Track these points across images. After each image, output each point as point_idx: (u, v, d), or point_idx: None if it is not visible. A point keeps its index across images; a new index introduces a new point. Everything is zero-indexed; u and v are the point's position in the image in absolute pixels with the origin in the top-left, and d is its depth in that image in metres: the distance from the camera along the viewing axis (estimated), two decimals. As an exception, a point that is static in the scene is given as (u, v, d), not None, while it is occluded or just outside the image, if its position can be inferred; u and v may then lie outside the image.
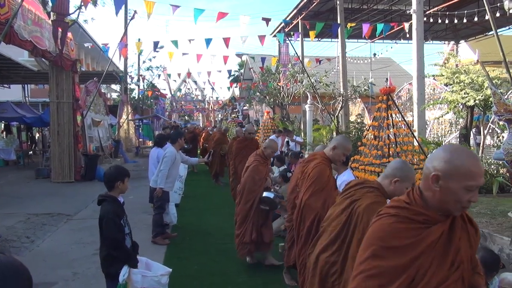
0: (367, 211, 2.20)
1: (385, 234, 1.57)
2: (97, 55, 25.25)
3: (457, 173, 1.53)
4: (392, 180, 2.34)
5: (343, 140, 3.53)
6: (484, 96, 8.08)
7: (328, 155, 3.47)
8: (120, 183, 3.10)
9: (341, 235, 2.32)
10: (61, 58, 10.70)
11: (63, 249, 5.56)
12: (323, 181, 3.34)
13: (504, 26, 18.65)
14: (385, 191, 2.38)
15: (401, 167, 2.40)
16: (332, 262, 2.32)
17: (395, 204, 1.66)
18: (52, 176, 11.38)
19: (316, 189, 3.33)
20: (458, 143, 9.82)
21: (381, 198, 2.33)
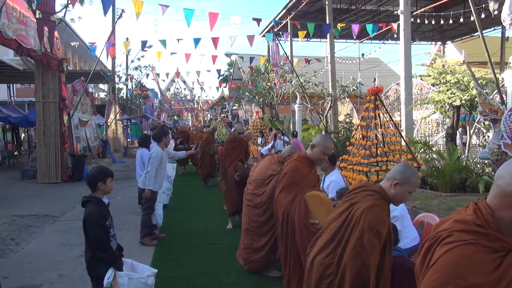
0: (365, 214, 2.19)
1: (465, 269, 1.29)
2: (84, 54, 24.97)
3: None
4: (392, 183, 2.32)
5: (323, 138, 3.45)
6: (470, 96, 8.20)
7: (308, 154, 3.42)
8: (102, 184, 3.06)
9: (337, 237, 2.30)
10: (47, 57, 10.54)
11: (49, 251, 5.48)
12: (296, 176, 3.29)
13: (489, 27, 18.96)
14: (386, 195, 2.34)
15: (402, 170, 2.36)
16: (327, 264, 2.30)
17: (467, 228, 1.37)
18: (38, 177, 11.22)
19: (287, 184, 3.29)
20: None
21: (381, 202, 2.30)
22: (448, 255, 1.33)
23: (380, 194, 2.33)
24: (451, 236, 1.36)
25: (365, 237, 2.17)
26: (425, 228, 4.21)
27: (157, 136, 5.95)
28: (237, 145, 6.73)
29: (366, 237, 2.16)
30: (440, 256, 1.33)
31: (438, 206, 6.18)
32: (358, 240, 2.17)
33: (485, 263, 1.28)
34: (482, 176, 5.83)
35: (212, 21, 9.80)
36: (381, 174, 6.25)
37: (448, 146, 8.12)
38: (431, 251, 1.37)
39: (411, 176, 2.34)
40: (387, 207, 2.35)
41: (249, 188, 4.59)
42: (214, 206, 8.18)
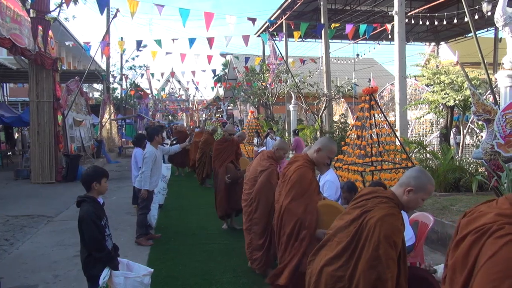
0: (380, 224, 2.06)
1: None
2: (79, 53, 24.82)
3: None
4: (405, 189, 2.20)
5: (328, 142, 3.33)
6: (463, 96, 8.27)
7: (311, 158, 3.27)
8: (97, 183, 3.06)
9: (350, 248, 2.15)
10: (41, 56, 10.48)
11: (44, 251, 5.45)
12: (304, 185, 3.15)
13: (482, 28, 19.13)
14: (399, 202, 2.22)
15: (417, 176, 2.23)
16: (338, 276, 2.15)
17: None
18: (32, 177, 11.15)
19: (297, 193, 3.14)
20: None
21: (395, 210, 2.17)
22: (508, 247, 1.30)
23: (393, 201, 2.20)
24: (502, 229, 1.34)
25: (381, 248, 2.02)
26: (420, 227, 4.25)
27: (149, 136, 5.90)
28: (228, 146, 6.57)
29: (382, 249, 2.02)
30: (499, 249, 1.31)
31: (432, 206, 6.23)
32: (374, 252, 2.03)
33: None
34: (476, 176, 5.88)
35: (208, 21, 9.80)
36: (376, 174, 6.28)
37: (442, 146, 8.18)
38: (479, 244, 1.35)
39: (428, 183, 2.22)
40: (401, 215, 2.21)
41: (245, 188, 4.61)
42: (209, 206, 8.16)
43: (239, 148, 7.00)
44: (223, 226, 6.47)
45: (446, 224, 5.33)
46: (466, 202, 6.28)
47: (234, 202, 6.13)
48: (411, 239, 3.89)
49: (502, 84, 5.72)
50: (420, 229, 4.20)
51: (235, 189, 6.16)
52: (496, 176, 4.99)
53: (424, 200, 2.26)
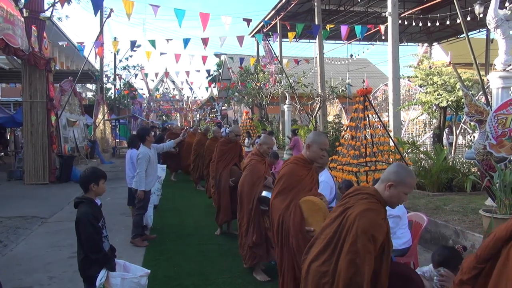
0: (359, 218, 2.13)
1: None
2: (72, 53, 24.65)
3: None
4: (386, 184, 2.27)
5: (315, 135, 3.28)
6: (456, 97, 8.35)
7: (305, 156, 3.24)
8: (95, 185, 3.06)
9: (332, 243, 2.24)
10: (34, 56, 10.41)
11: (38, 252, 5.43)
12: (291, 180, 3.11)
13: (474, 30, 19.29)
14: (381, 197, 2.28)
15: (396, 171, 2.29)
16: (323, 272, 2.23)
17: None
18: (25, 178, 11.07)
19: (282, 188, 3.12)
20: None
21: (376, 205, 2.25)
22: None
23: (374, 197, 2.26)
24: None
25: (359, 242, 2.10)
26: (414, 227, 4.29)
27: (140, 137, 5.89)
28: (232, 148, 6.29)
29: (360, 243, 2.09)
30: None
31: (425, 205, 6.29)
32: (352, 246, 2.11)
33: None
34: (469, 176, 5.95)
35: (204, 21, 9.80)
36: (370, 174, 6.33)
37: (435, 146, 8.26)
38: None
39: (407, 177, 2.25)
40: (383, 211, 2.28)
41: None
42: (204, 206, 8.18)
43: (242, 150, 6.75)
44: (217, 232, 6.21)
45: (439, 224, 5.39)
46: (459, 202, 6.35)
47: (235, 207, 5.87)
48: (407, 242, 3.93)
49: (494, 85, 5.79)
50: (414, 229, 4.24)
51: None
52: (488, 176, 5.05)
53: (406, 194, 2.29)
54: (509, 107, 5.23)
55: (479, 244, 4.64)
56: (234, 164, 6.16)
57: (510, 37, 5.70)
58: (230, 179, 5.97)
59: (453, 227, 5.15)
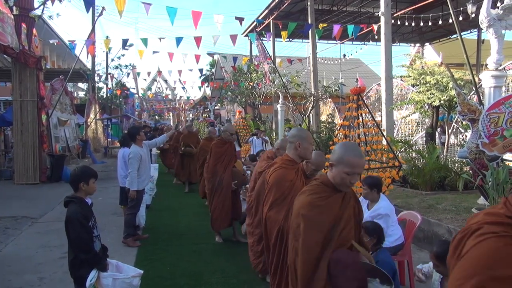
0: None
1: (493, 261, 1.24)
2: (63, 52, 24.43)
3: None
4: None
5: (300, 132, 3.10)
6: (448, 96, 8.39)
7: (293, 156, 3.04)
8: (84, 184, 3.00)
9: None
10: (24, 54, 10.27)
11: (28, 253, 5.35)
12: (283, 188, 2.91)
13: (465, 30, 19.46)
14: (327, 179, 2.21)
15: (335, 150, 2.26)
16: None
17: (497, 220, 1.33)
18: (15, 177, 10.93)
19: (275, 199, 2.90)
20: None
21: (313, 186, 2.25)
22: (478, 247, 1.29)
23: (317, 180, 2.29)
24: (481, 228, 1.33)
25: (295, 222, 2.24)
26: (407, 226, 4.29)
27: (131, 136, 5.84)
28: (228, 148, 5.97)
29: (295, 223, 2.24)
30: (470, 248, 1.31)
31: (418, 204, 6.31)
32: (293, 226, 2.31)
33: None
34: (461, 175, 5.99)
35: (196, 19, 9.75)
36: (364, 173, 6.33)
37: (428, 146, 8.30)
38: (462, 243, 1.35)
39: (345, 156, 2.12)
40: (319, 190, 2.21)
41: (249, 190, 4.50)
42: (198, 206, 8.13)
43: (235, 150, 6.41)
44: (218, 239, 5.77)
45: (432, 223, 5.40)
46: (452, 201, 6.38)
47: (236, 210, 5.73)
48: (399, 239, 3.92)
49: (487, 84, 5.82)
50: (408, 228, 4.24)
51: (236, 195, 5.82)
52: (481, 175, 5.07)
53: (348, 174, 2.10)
54: (501, 106, 5.26)
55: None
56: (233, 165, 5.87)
57: (502, 36, 5.74)
58: (232, 182, 5.65)
59: (446, 225, 5.16)
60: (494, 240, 1.24)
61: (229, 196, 5.65)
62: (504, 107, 5.24)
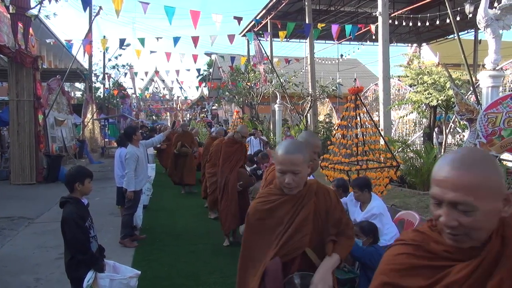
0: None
1: (388, 267, 1.24)
2: (60, 52, 24.34)
3: None
4: None
5: (309, 136, 2.94)
6: (446, 96, 8.41)
7: None
8: (80, 184, 2.98)
9: None
10: (21, 54, 10.22)
11: (25, 254, 5.31)
12: None
13: (462, 30, 19.52)
14: None
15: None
16: None
17: (415, 230, 1.30)
18: (12, 178, 10.86)
19: None
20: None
21: None
22: (385, 252, 1.31)
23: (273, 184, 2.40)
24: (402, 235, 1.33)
25: None
26: (405, 226, 4.29)
27: (127, 136, 5.78)
28: (238, 149, 5.84)
29: None
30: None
31: (416, 204, 6.31)
32: None
33: (414, 266, 1.17)
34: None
35: (194, 19, 9.73)
36: (362, 172, 6.32)
37: (425, 145, 8.30)
38: None
39: (276, 153, 2.18)
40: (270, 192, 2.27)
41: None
42: (196, 206, 8.11)
43: (246, 151, 6.34)
44: (225, 243, 5.61)
45: (431, 222, 5.40)
46: (449, 201, 6.38)
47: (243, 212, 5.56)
48: (395, 236, 3.92)
49: (484, 84, 5.83)
50: (406, 227, 4.24)
51: (244, 196, 5.70)
52: (478, 175, 5.08)
53: (280, 172, 2.03)
54: (499, 105, 5.27)
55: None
56: (240, 166, 5.78)
57: (500, 36, 5.75)
58: (238, 183, 5.58)
59: (444, 225, 5.16)
60: (397, 247, 1.25)
61: (235, 197, 5.54)
62: (501, 107, 5.26)
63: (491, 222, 1.10)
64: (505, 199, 1.10)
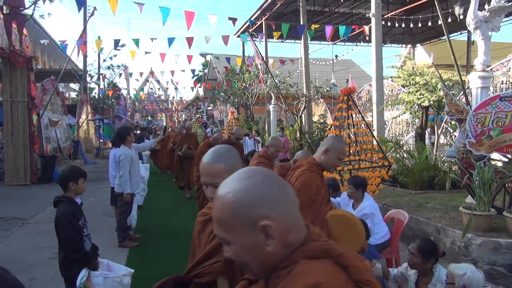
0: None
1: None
2: (54, 52, 24.26)
3: None
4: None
5: (336, 141, 2.92)
6: (437, 97, 8.51)
7: (319, 161, 2.85)
8: (73, 183, 3.02)
9: None
10: (14, 54, 10.21)
11: (19, 254, 5.33)
12: (311, 191, 2.71)
13: (456, 31, 19.67)
14: (316, 163, 2.79)
15: (329, 140, 2.83)
16: None
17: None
18: (6, 178, 10.84)
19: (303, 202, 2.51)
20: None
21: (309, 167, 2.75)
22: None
23: (311, 164, 2.78)
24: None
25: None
26: (395, 224, 4.36)
27: (121, 137, 5.71)
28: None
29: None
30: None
31: (408, 203, 6.40)
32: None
33: None
34: (449, 174, 6.07)
35: (189, 20, 9.77)
36: (354, 172, 6.40)
37: (417, 146, 8.39)
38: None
39: (337, 144, 2.77)
40: (320, 172, 2.81)
41: None
42: (191, 206, 8.14)
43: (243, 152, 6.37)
44: None
45: (421, 221, 5.48)
46: (440, 200, 6.48)
47: None
48: (386, 235, 3.99)
49: (474, 85, 5.91)
50: (396, 225, 4.31)
51: None
52: (468, 174, 5.16)
53: (340, 159, 2.75)
54: (488, 106, 5.36)
55: (460, 240, 4.75)
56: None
57: (489, 38, 5.84)
58: None
59: (434, 224, 5.25)
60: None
61: None
62: (490, 107, 5.34)
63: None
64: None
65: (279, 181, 1.00)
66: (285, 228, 0.94)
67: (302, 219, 1.02)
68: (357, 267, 0.92)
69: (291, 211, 0.97)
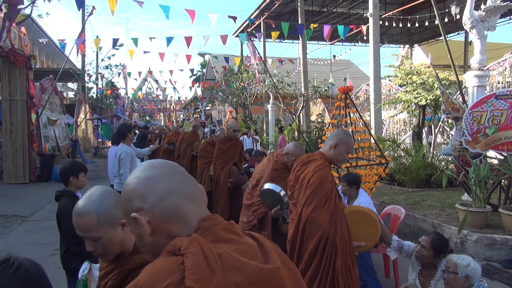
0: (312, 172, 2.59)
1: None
2: (53, 52, 24.23)
3: None
4: (331, 144, 2.68)
5: (345, 135, 2.83)
6: (434, 96, 8.58)
7: (328, 155, 2.74)
8: (74, 178, 3.06)
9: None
10: (13, 53, 10.23)
11: (19, 250, 5.36)
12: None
13: (453, 32, 19.76)
14: (326, 157, 2.70)
15: (337, 133, 2.77)
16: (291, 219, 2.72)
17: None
18: (5, 177, 10.86)
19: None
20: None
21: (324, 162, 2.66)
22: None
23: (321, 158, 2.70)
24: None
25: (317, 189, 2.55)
26: (392, 219, 4.41)
27: (121, 134, 5.60)
28: (232, 146, 5.67)
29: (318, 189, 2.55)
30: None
31: (405, 201, 6.46)
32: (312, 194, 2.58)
33: None
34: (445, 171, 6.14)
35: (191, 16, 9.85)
36: (351, 170, 6.45)
37: (414, 144, 8.46)
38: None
39: (346, 137, 2.72)
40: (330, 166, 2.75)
41: (249, 187, 4.09)
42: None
43: (243, 149, 6.16)
44: None
45: (418, 218, 5.54)
46: (437, 197, 6.54)
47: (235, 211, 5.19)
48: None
49: (470, 83, 5.98)
50: (392, 221, 4.36)
51: (238, 195, 5.56)
52: (464, 171, 5.22)
53: (348, 153, 2.74)
54: (483, 104, 5.42)
55: (456, 236, 4.80)
56: (233, 163, 5.67)
57: (485, 37, 5.91)
58: (228, 180, 5.51)
59: (431, 221, 5.31)
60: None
61: (225, 195, 5.49)
62: (486, 105, 5.41)
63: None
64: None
65: (170, 174, 1.00)
66: (163, 220, 0.95)
67: (198, 212, 0.99)
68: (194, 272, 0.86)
69: (173, 203, 0.96)
